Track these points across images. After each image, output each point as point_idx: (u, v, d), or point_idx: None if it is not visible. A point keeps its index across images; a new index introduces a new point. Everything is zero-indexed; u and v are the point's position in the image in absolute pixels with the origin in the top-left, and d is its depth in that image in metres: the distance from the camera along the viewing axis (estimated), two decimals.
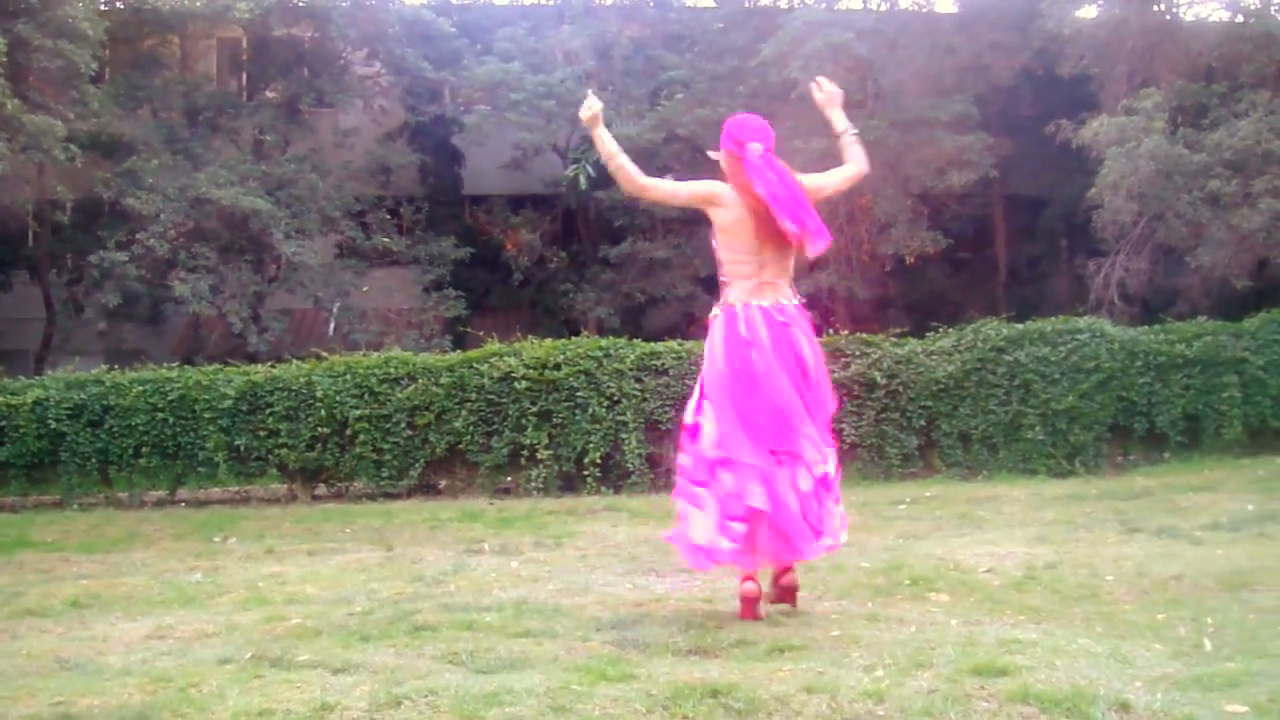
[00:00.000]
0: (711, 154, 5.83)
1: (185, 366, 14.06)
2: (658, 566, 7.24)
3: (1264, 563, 6.75)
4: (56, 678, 4.67)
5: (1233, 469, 12.11)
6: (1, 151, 15.37)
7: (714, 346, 5.65)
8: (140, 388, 13.21)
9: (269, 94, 23.11)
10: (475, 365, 13.08)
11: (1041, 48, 20.02)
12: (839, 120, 6.07)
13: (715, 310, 5.76)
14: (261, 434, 13.12)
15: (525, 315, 23.48)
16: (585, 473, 12.72)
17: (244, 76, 24.39)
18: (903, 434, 13.04)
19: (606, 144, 5.85)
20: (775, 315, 5.59)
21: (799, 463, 5.44)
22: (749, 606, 5.52)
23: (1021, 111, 22.14)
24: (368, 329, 21.55)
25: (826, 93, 6.15)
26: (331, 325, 22.23)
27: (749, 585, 5.55)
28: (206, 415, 13.10)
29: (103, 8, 19.65)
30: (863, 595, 6.19)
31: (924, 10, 21.99)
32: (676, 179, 6.50)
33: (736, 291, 5.66)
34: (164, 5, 20.23)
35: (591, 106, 5.90)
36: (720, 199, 5.68)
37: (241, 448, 13.16)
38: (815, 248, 5.59)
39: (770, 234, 5.58)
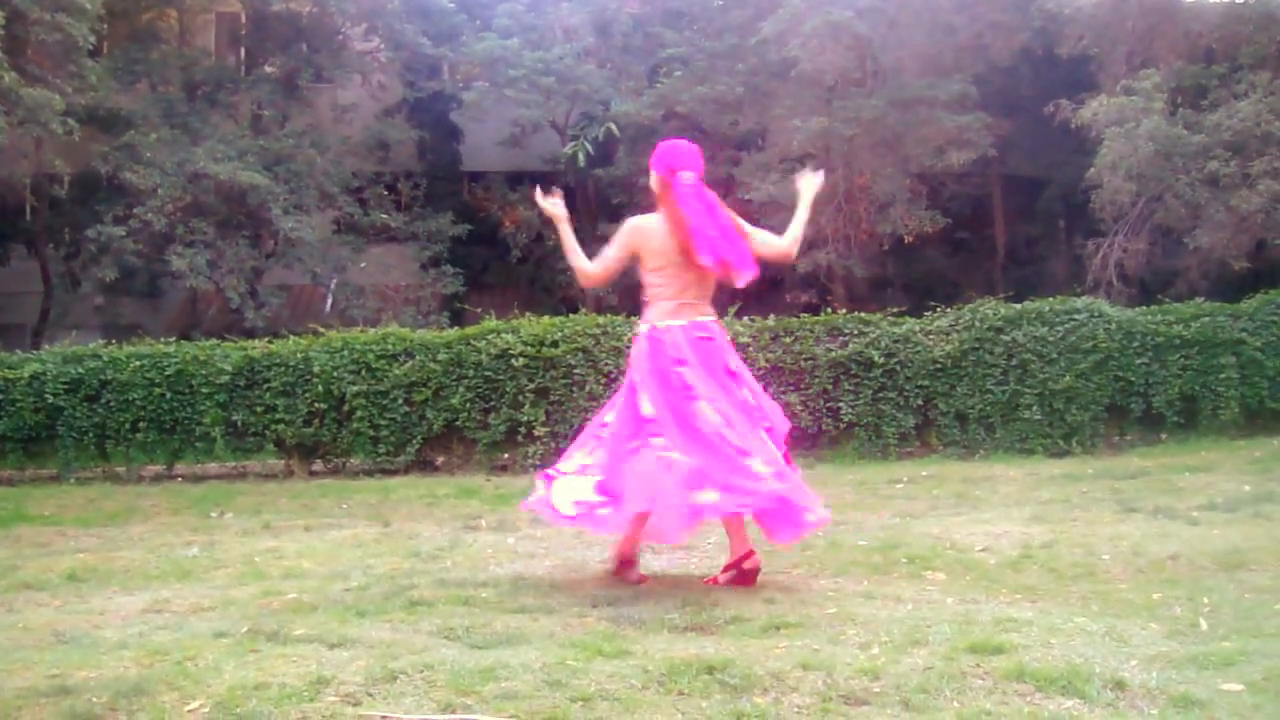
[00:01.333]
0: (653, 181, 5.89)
1: (182, 341, 14.07)
2: (653, 544, 7.23)
3: (1260, 543, 6.76)
4: (53, 650, 4.67)
5: (1229, 450, 12.12)
6: None
7: (643, 371, 5.77)
8: (137, 362, 13.20)
9: (267, 69, 23.08)
10: (473, 342, 13.07)
11: (1041, 27, 19.99)
12: (803, 210, 6.09)
13: (640, 329, 5.92)
14: (259, 409, 13.11)
15: (523, 292, 23.45)
16: None
17: (242, 51, 24.34)
18: (900, 413, 13.05)
19: (569, 241, 6.04)
20: (694, 333, 5.75)
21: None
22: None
23: (1021, 91, 22.10)
24: (365, 305, 21.58)
25: (812, 181, 6.16)
26: (329, 301, 22.23)
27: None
28: (204, 390, 13.10)
29: None
30: (859, 573, 6.19)
31: None
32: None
33: (656, 312, 5.83)
34: None
35: (555, 206, 6.11)
36: (644, 233, 5.85)
37: (239, 423, 13.16)
38: (741, 279, 5.75)
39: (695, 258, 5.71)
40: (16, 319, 22.94)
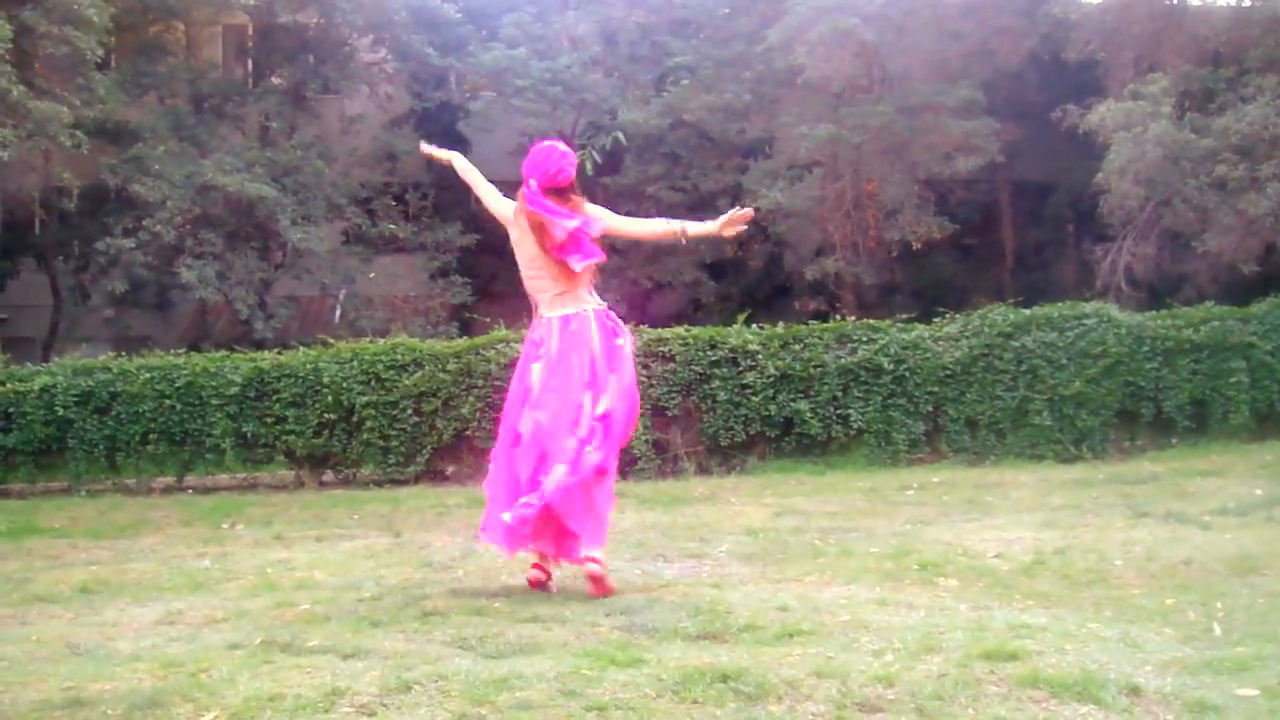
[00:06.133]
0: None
1: (192, 353, 14.07)
2: (665, 552, 7.24)
3: (1272, 547, 6.76)
4: (67, 663, 4.68)
5: (1240, 454, 12.10)
6: (8, 138, 15.37)
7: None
8: (147, 374, 13.22)
9: (275, 80, 23.12)
10: (482, 351, 13.08)
11: (1048, 33, 19.99)
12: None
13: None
14: (269, 421, 13.12)
15: (531, 301, 23.44)
16: None
17: (249, 63, 24.39)
18: (910, 420, 13.03)
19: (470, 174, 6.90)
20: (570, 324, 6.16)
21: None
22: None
23: (1028, 97, 22.08)
24: (374, 316, 21.57)
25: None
26: (338, 312, 22.27)
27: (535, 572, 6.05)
28: (214, 402, 13.11)
29: None
30: (871, 580, 6.19)
31: None
32: (685, 166, 6.63)
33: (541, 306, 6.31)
34: None
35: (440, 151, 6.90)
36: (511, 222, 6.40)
37: (249, 434, 13.16)
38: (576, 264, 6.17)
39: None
40: (26, 332, 22.95)
